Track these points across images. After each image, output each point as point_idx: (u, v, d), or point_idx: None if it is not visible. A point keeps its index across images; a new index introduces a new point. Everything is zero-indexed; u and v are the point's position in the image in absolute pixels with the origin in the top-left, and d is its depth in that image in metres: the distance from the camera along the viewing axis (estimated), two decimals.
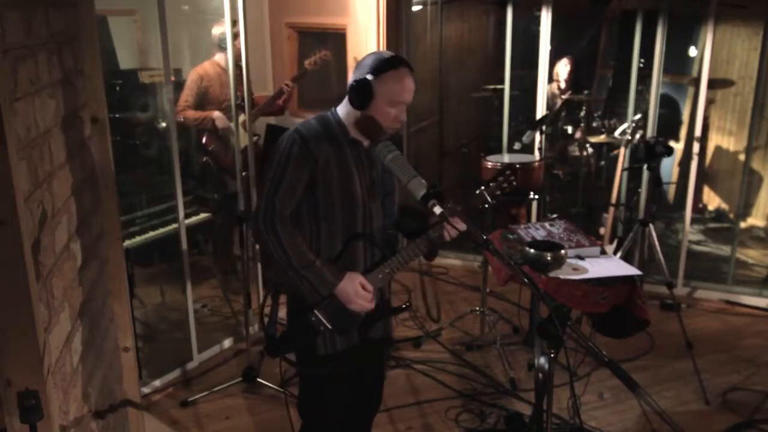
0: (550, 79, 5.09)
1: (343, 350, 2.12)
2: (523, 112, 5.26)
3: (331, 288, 2.01)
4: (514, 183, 2.07)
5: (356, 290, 2.02)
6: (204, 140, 4.17)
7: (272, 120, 4.77)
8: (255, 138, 4.17)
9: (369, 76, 1.97)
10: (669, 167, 5.67)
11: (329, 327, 2.05)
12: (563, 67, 5.26)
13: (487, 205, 2.07)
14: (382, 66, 1.99)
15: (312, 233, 2.07)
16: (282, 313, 2.13)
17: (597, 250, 2.99)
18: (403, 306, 2.27)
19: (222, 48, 4.02)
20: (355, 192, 2.04)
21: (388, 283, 2.18)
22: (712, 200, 5.64)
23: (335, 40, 4.91)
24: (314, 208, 2.04)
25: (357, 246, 2.09)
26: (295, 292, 2.07)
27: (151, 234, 3.78)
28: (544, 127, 4.29)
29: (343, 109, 2.07)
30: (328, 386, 2.17)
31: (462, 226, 1.99)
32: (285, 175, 1.97)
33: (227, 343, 3.90)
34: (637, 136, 4.54)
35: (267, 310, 2.13)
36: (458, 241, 2.03)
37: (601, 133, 5.24)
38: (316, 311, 2.04)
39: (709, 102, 5.23)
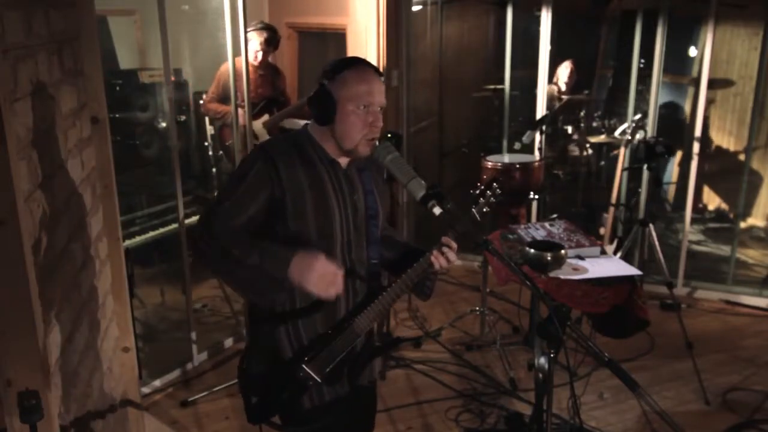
0: (551, 80, 5.09)
1: (331, 401, 1.91)
2: (523, 112, 5.27)
3: (286, 263, 1.70)
4: (500, 193, 1.87)
5: (314, 261, 1.70)
6: (223, 134, 4.19)
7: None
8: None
9: (325, 81, 1.77)
10: (669, 167, 5.67)
11: (318, 380, 1.85)
12: (564, 70, 5.26)
13: (478, 221, 1.86)
14: (336, 66, 1.77)
15: None
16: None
17: (597, 250, 2.99)
18: (394, 340, 2.09)
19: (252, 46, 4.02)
20: (332, 218, 1.80)
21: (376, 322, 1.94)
22: (712, 200, 5.64)
23: (335, 40, 4.91)
24: (288, 239, 1.80)
25: None
26: (273, 345, 1.86)
27: (151, 234, 3.77)
28: (544, 127, 4.30)
29: (314, 127, 1.84)
30: None
31: (452, 257, 1.82)
32: (239, 187, 1.76)
33: (227, 343, 3.90)
34: (638, 136, 4.54)
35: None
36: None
37: (601, 133, 5.24)
38: (304, 366, 1.84)
39: (709, 102, 5.24)
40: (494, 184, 1.87)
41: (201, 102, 4.26)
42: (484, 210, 1.87)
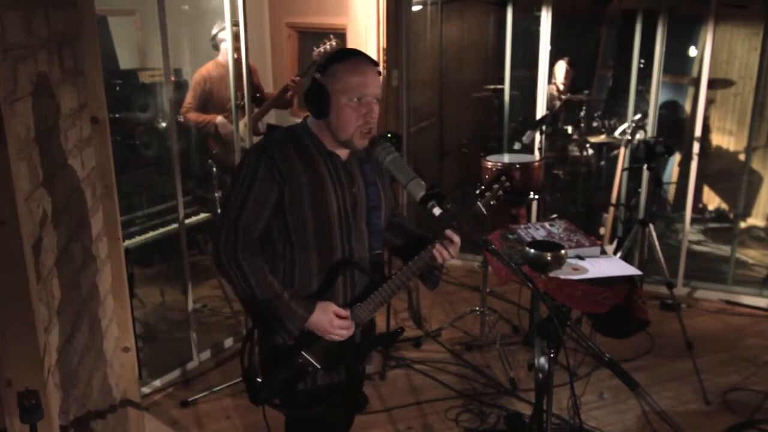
0: (550, 80, 5.09)
1: (324, 385, 1.95)
2: (523, 112, 5.27)
3: (301, 323, 1.84)
4: (509, 188, 1.93)
5: (331, 320, 1.84)
6: (208, 144, 4.19)
7: (272, 120, 4.77)
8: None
9: (316, 75, 1.79)
10: (669, 167, 5.67)
11: (318, 367, 1.90)
12: (560, 69, 5.26)
13: (484, 214, 1.91)
14: (327, 60, 1.80)
15: (285, 259, 1.88)
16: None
17: (597, 250, 2.98)
18: (397, 331, 2.14)
19: (217, 48, 4.04)
20: (329, 211, 1.83)
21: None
22: (712, 200, 5.64)
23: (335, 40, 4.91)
24: (285, 231, 1.84)
25: (334, 275, 1.88)
26: (279, 327, 1.90)
27: (151, 234, 3.77)
28: (544, 127, 4.30)
29: (312, 120, 1.88)
30: (316, 421, 2.01)
31: (454, 251, 1.86)
32: (249, 196, 1.79)
33: (227, 342, 3.90)
34: (638, 136, 4.54)
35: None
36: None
37: (601, 133, 5.24)
38: (303, 352, 1.89)
39: (709, 102, 5.23)
40: (503, 177, 1.92)
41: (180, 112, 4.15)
42: (491, 203, 1.91)
